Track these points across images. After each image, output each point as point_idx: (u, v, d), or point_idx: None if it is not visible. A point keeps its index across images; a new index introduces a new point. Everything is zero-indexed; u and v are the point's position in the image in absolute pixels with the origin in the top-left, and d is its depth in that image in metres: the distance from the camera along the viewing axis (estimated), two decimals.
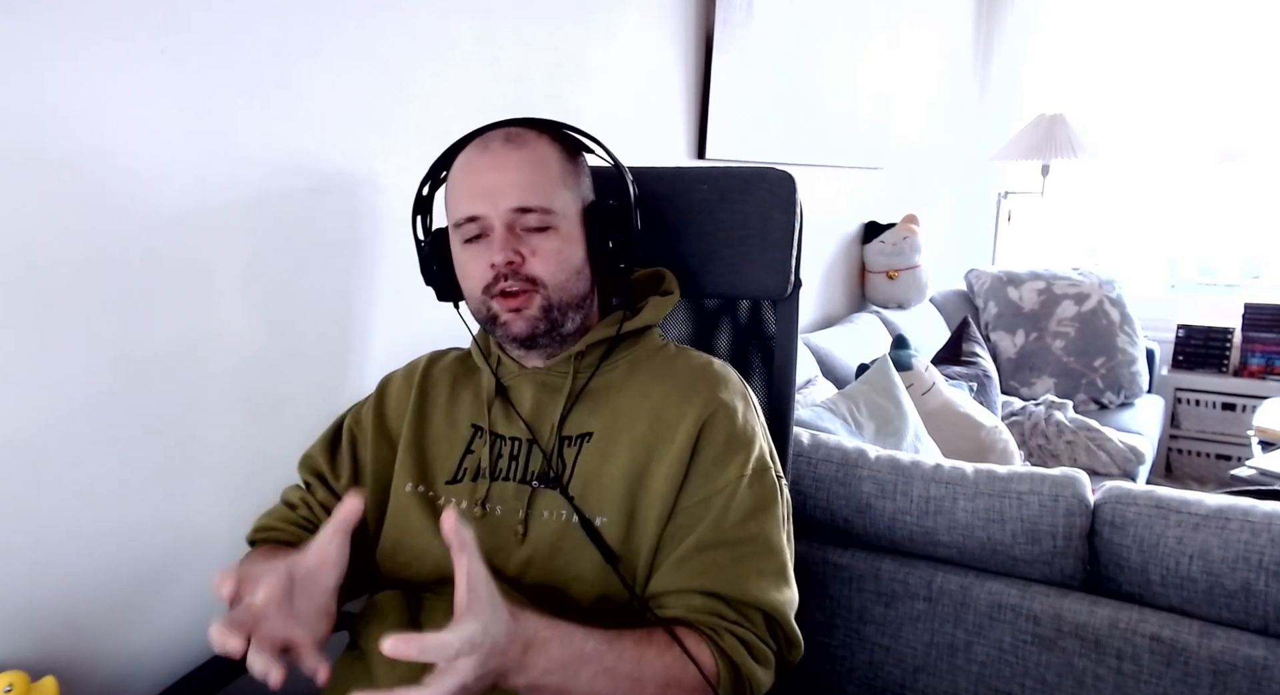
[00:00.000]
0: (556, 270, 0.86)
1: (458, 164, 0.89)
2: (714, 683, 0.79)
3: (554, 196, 0.86)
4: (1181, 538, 1.10)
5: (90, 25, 0.84)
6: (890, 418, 1.72)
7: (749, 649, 0.81)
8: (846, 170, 2.79)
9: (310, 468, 0.99)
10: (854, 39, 2.67)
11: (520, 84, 1.40)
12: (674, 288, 1.01)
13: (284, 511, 0.97)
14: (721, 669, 0.79)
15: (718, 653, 0.80)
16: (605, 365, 0.92)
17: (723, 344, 1.15)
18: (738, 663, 0.80)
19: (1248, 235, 3.58)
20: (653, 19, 1.74)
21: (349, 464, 0.97)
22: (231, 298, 1.02)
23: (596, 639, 0.75)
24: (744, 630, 0.81)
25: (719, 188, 1.09)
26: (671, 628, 0.79)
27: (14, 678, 0.81)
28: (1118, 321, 3.03)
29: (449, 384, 0.98)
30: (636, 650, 0.77)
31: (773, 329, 1.12)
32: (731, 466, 0.86)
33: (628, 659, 0.76)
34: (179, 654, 1.02)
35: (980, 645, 1.21)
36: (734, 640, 0.80)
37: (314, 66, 1.07)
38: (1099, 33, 3.66)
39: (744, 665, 0.80)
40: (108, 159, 0.88)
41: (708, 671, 0.78)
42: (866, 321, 2.70)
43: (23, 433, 0.85)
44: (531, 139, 0.88)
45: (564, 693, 0.72)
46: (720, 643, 0.80)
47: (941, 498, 1.24)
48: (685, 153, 1.94)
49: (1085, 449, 2.39)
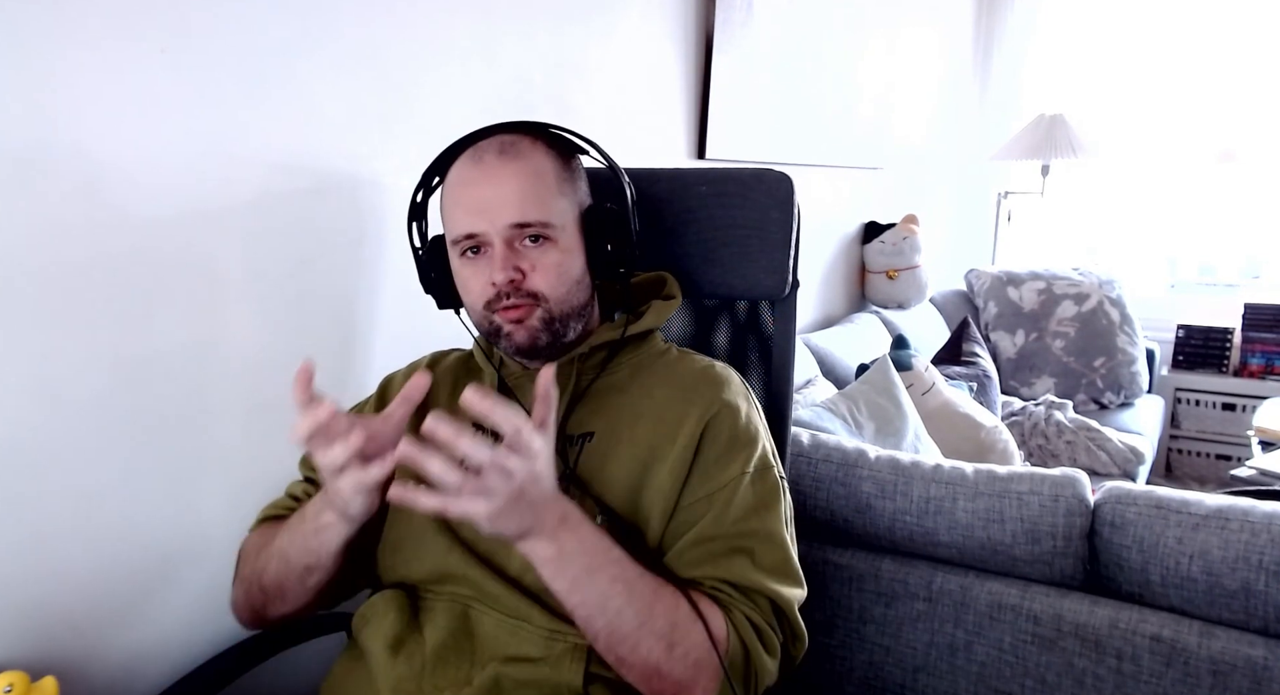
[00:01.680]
0: (557, 283, 0.86)
1: (452, 176, 0.88)
2: (721, 652, 0.76)
3: (551, 207, 0.86)
4: (1181, 538, 1.10)
5: (90, 25, 0.84)
6: (890, 418, 1.72)
7: (758, 633, 0.80)
8: (846, 170, 2.79)
9: (310, 465, 0.99)
10: (854, 39, 2.67)
11: (520, 84, 1.40)
12: (676, 292, 1.01)
13: (288, 502, 0.98)
14: (732, 642, 0.78)
15: (730, 625, 0.78)
16: (608, 369, 0.92)
17: (721, 344, 1.15)
18: (748, 644, 0.78)
19: (1248, 235, 3.58)
20: (653, 19, 1.74)
21: None
22: (233, 298, 1.02)
23: (622, 552, 0.76)
24: (753, 611, 0.80)
25: (717, 189, 1.09)
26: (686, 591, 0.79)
27: (14, 678, 0.81)
28: (1118, 321, 3.03)
29: (451, 384, 0.98)
30: (657, 582, 0.77)
31: (771, 329, 1.12)
32: (734, 465, 0.86)
33: (648, 583, 0.76)
34: (179, 654, 1.02)
35: (980, 645, 1.21)
36: (744, 619, 0.79)
37: (315, 66, 1.07)
38: (1099, 33, 3.66)
39: (753, 649, 0.79)
40: (108, 159, 0.88)
41: (717, 636, 0.77)
42: (866, 321, 2.70)
43: (23, 432, 0.85)
44: (525, 148, 0.87)
45: (577, 591, 0.73)
46: (732, 617, 0.79)
47: (941, 498, 1.24)
48: (685, 153, 1.94)
49: (1085, 449, 2.39)
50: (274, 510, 0.98)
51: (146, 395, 0.95)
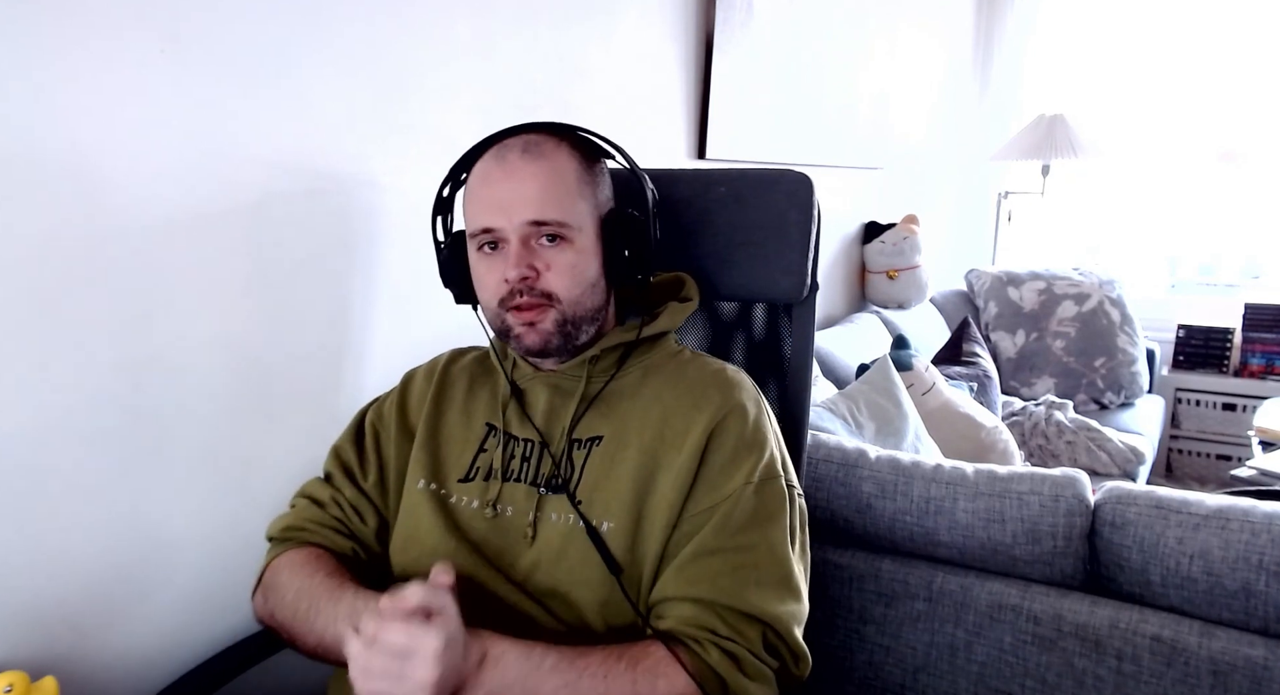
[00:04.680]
0: (571, 285, 0.86)
1: (475, 172, 0.89)
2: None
3: (570, 209, 0.86)
4: (1182, 538, 1.10)
5: (89, 25, 0.84)
6: (890, 418, 1.72)
7: (739, 663, 0.78)
8: (846, 170, 2.79)
9: (341, 461, 0.98)
10: (854, 39, 2.67)
11: (520, 84, 1.40)
12: (694, 294, 1.00)
13: (314, 512, 0.95)
14: (706, 685, 0.76)
15: (703, 667, 0.77)
16: (620, 371, 0.92)
17: (738, 347, 1.14)
18: (724, 677, 0.77)
19: (1248, 235, 3.58)
20: (653, 19, 1.74)
21: (375, 460, 0.97)
22: (230, 298, 1.02)
23: (559, 655, 0.74)
24: (734, 644, 0.78)
25: (736, 190, 1.08)
26: (657, 641, 0.78)
27: (14, 678, 0.80)
28: (1118, 321, 3.03)
29: (467, 382, 0.98)
30: (603, 666, 0.75)
31: (789, 332, 1.10)
32: (739, 474, 0.85)
33: (592, 674, 0.74)
34: (179, 654, 1.02)
35: (980, 645, 1.21)
36: (720, 654, 0.78)
37: (314, 66, 1.07)
38: (1099, 33, 3.66)
39: (731, 680, 0.77)
40: (106, 159, 0.88)
41: (682, 690, 0.76)
42: (866, 321, 2.70)
43: (22, 433, 0.85)
44: (549, 149, 0.87)
45: None
46: (705, 657, 0.77)
47: (941, 498, 1.24)
48: (685, 153, 1.94)
49: (1085, 449, 2.39)
50: (299, 522, 0.94)
51: (146, 395, 0.95)
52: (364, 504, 0.95)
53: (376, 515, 0.95)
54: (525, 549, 0.86)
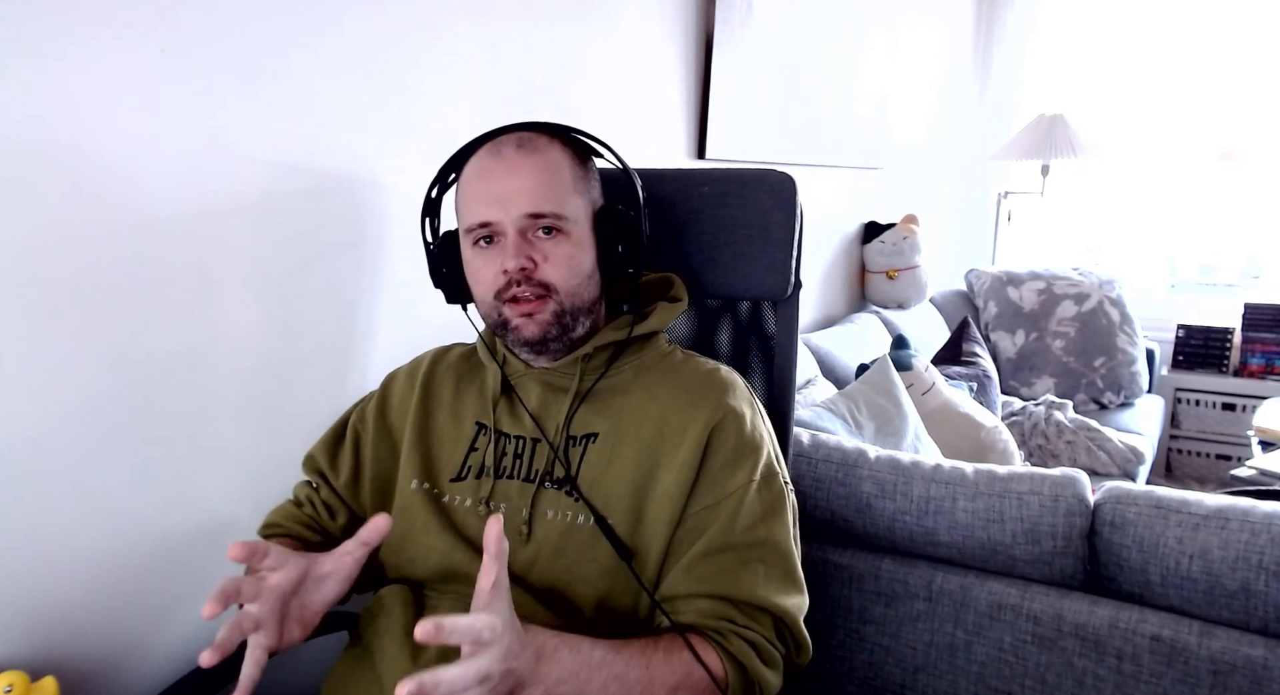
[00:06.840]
0: (568, 276, 0.87)
1: (469, 168, 0.89)
2: (723, 686, 0.79)
3: (566, 202, 0.87)
4: (1181, 538, 1.10)
5: (89, 24, 0.84)
6: (890, 418, 1.72)
7: (757, 651, 0.81)
8: (846, 170, 2.79)
9: (312, 467, 1.01)
10: (854, 39, 2.67)
11: (520, 84, 1.40)
12: (683, 294, 1.01)
13: (291, 509, 0.99)
14: (730, 672, 0.80)
15: (725, 656, 0.80)
16: (612, 369, 0.92)
17: (723, 344, 1.15)
18: (746, 665, 0.80)
19: (1248, 235, 3.58)
20: (652, 19, 1.74)
21: (350, 461, 0.99)
22: (233, 298, 1.02)
23: (604, 647, 0.75)
24: (752, 633, 0.82)
25: (720, 189, 1.09)
26: (683, 632, 0.80)
27: (14, 678, 0.81)
28: (1118, 321, 3.03)
29: (453, 381, 0.98)
30: (644, 656, 0.77)
31: (773, 329, 1.12)
32: (740, 472, 0.86)
33: (636, 665, 0.76)
34: (179, 654, 1.02)
35: (980, 645, 1.21)
36: (742, 643, 0.81)
37: (315, 66, 1.07)
38: (1099, 33, 3.66)
39: (752, 668, 0.81)
40: (107, 159, 0.88)
41: (716, 675, 0.79)
42: (866, 321, 2.70)
43: (23, 433, 0.85)
44: (543, 144, 0.88)
45: None
46: (728, 646, 0.81)
47: (941, 498, 1.24)
48: (685, 153, 1.94)
49: (1085, 449, 2.39)
50: (277, 519, 0.99)
51: (147, 395, 0.95)
52: (336, 503, 0.99)
53: (348, 513, 0.99)
54: (521, 547, 0.87)
